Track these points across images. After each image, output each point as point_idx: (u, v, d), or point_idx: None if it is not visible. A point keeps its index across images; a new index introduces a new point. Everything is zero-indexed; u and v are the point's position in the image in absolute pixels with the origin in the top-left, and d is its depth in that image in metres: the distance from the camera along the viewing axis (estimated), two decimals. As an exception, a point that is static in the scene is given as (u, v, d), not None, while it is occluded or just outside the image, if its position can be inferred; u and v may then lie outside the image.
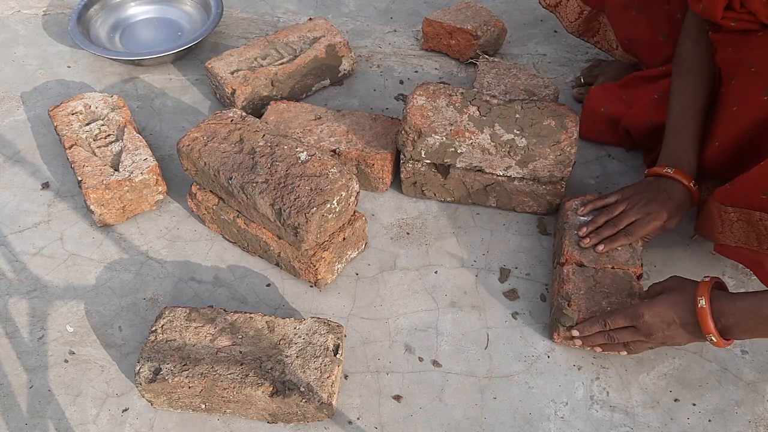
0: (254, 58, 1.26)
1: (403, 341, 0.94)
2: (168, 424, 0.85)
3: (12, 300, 0.98)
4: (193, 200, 1.05)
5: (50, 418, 0.86)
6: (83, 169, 1.04)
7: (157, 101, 1.30)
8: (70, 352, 0.92)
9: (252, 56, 1.26)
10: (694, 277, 1.00)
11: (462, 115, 1.02)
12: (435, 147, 1.02)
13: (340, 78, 1.33)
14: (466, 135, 1.00)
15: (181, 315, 0.87)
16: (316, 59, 1.26)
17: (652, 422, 0.86)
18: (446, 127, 1.01)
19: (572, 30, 1.27)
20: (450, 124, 1.01)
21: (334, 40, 1.29)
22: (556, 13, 1.27)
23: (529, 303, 0.98)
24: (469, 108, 1.03)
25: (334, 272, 0.99)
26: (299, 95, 1.28)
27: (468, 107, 1.03)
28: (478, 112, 1.02)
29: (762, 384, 0.89)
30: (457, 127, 1.00)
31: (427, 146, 1.02)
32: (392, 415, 0.86)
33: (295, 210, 0.89)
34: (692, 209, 0.99)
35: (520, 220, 1.09)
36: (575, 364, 0.91)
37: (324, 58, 1.27)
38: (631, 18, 1.12)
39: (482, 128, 1.01)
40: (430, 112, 1.02)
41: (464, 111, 1.02)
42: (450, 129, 1.00)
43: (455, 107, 1.03)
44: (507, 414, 0.86)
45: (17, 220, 1.09)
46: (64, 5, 1.54)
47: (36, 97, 1.31)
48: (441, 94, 1.05)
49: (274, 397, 0.80)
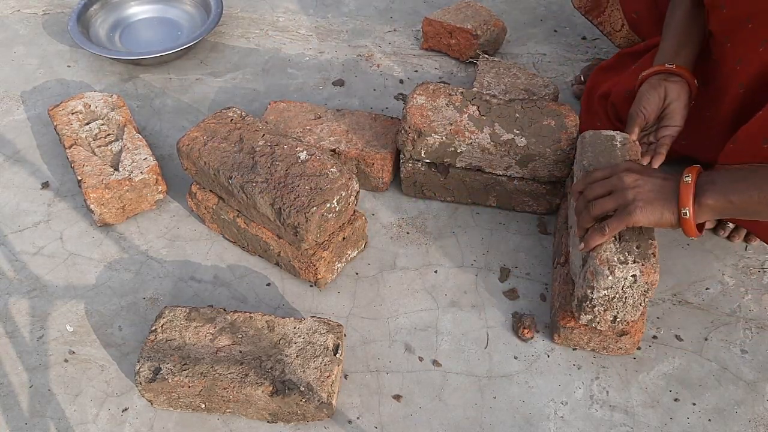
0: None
1: (403, 341, 0.94)
2: (168, 424, 0.85)
3: (12, 299, 0.98)
4: (193, 200, 1.05)
5: (50, 417, 0.86)
6: (83, 169, 1.04)
7: (157, 101, 1.30)
8: (70, 352, 0.92)
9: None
10: (694, 277, 1.01)
11: (462, 114, 1.02)
12: (435, 146, 1.02)
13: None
14: (465, 134, 1.00)
15: (181, 314, 0.87)
16: None
17: (652, 422, 0.86)
18: (446, 126, 1.01)
19: (580, 5, 1.26)
20: (450, 123, 1.01)
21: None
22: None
23: (529, 303, 0.98)
24: (468, 107, 1.03)
25: (334, 272, 0.99)
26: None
27: (468, 107, 1.03)
28: (478, 111, 1.02)
29: (762, 384, 0.89)
30: (457, 127, 1.00)
31: (427, 146, 1.02)
32: (392, 415, 0.86)
33: (295, 209, 0.89)
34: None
35: (520, 219, 1.09)
36: (575, 363, 0.91)
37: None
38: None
39: (482, 128, 1.01)
40: (429, 111, 1.02)
41: (464, 111, 1.02)
42: (450, 128, 1.00)
43: (455, 107, 1.03)
44: (507, 414, 0.86)
45: (17, 220, 1.09)
46: (64, 5, 1.54)
47: (36, 97, 1.31)
48: (441, 93, 1.05)
49: (273, 397, 0.80)
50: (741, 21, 0.89)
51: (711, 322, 0.96)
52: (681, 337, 0.94)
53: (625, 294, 0.82)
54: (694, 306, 0.97)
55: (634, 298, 0.82)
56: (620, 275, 0.80)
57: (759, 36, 0.87)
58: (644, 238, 0.82)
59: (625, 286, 0.81)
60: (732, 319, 0.96)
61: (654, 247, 0.81)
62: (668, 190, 0.79)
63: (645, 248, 0.81)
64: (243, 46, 1.43)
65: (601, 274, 0.80)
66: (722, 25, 0.93)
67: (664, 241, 1.04)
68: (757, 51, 0.87)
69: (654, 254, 0.81)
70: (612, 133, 0.95)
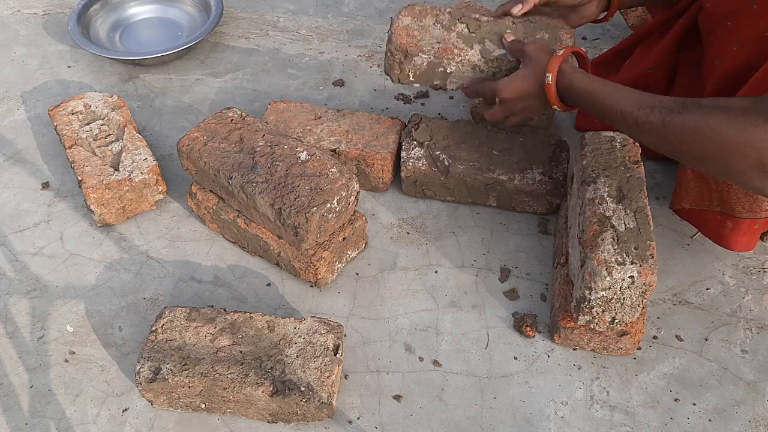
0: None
1: (403, 341, 0.94)
2: (168, 424, 0.85)
3: (12, 300, 0.98)
4: (193, 200, 1.05)
5: (50, 417, 0.86)
6: (83, 169, 1.04)
7: (157, 101, 1.30)
8: (70, 352, 0.92)
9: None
10: (695, 277, 1.01)
11: (450, 33, 0.99)
12: (423, 67, 0.99)
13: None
14: (454, 52, 0.97)
15: (181, 315, 0.87)
16: None
17: (652, 422, 0.86)
18: (434, 45, 0.97)
19: None
20: (437, 42, 0.98)
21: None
22: None
23: (529, 303, 0.98)
24: (457, 26, 1.00)
25: (334, 272, 0.99)
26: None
27: (456, 25, 1.00)
28: (467, 29, 0.99)
29: (762, 384, 0.89)
30: (445, 45, 0.97)
31: (415, 67, 0.99)
32: (392, 415, 0.86)
33: (295, 210, 0.89)
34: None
35: (520, 219, 1.09)
36: (575, 363, 0.91)
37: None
38: None
39: (471, 45, 0.98)
40: (416, 31, 0.99)
41: (452, 29, 0.99)
42: (438, 47, 0.97)
43: (443, 26, 1.00)
44: (507, 414, 0.86)
45: (17, 220, 1.09)
46: (64, 5, 1.54)
47: (36, 97, 1.31)
48: (428, 13, 1.02)
49: (274, 397, 0.80)
50: (721, 18, 0.91)
51: (711, 322, 0.96)
52: (681, 337, 0.94)
53: (623, 295, 0.82)
54: (694, 306, 0.97)
55: (632, 299, 0.82)
56: (618, 276, 0.79)
57: (734, 35, 0.88)
58: (642, 240, 0.82)
59: (623, 288, 0.81)
60: (732, 320, 0.96)
61: (652, 249, 0.81)
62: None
63: (643, 249, 0.81)
64: (243, 46, 1.43)
65: (599, 275, 0.80)
66: (706, 20, 0.95)
67: (665, 241, 1.04)
68: (731, 50, 0.88)
69: (652, 255, 0.81)
70: (612, 134, 0.95)
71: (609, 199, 0.87)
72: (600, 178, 0.89)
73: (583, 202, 0.89)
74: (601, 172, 0.90)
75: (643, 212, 0.85)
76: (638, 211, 0.85)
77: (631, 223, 0.84)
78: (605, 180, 0.89)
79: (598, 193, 0.88)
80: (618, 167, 0.91)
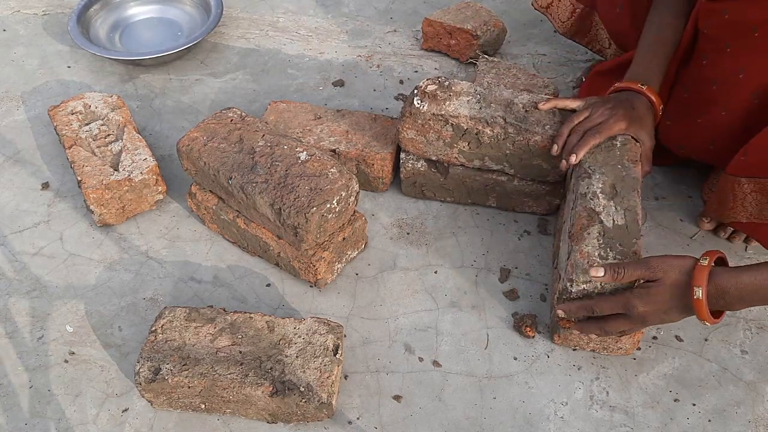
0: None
1: (403, 341, 0.94)
2: (168, 424, 0.85)
3: (12, 300, 0.98)
4: (193, 200, 1.05)
5: (50, 417, 0.86)
6: (83, 169, 1.04)
7: (157, 101, 1.30)
8: (70, 352, 0.92)
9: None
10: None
11: (452, 149, 1.02)
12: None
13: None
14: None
15: (181, 315, 0.87)
16: None
17: (652, 422, 0.86)
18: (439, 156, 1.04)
19: (564, 30, 1.27)
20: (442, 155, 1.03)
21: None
22: (548, 14, 1.28)
23: (529, 303, 0.98)
24: (458, 143, 1.01)
25: (333, 272, 0.99)
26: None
27: (457, 143, 1.01)
28: (468, 146, 1.01)
29: (762, 384, 0.89)
30: (448, 158, 1.03)
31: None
32: (392, 415, 0.86)
33: (294, 210, 0.89)
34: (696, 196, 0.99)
35: (520, 220, 1.09)
36: (575, 364, 0.91)
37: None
38: (617, 14, 1.15)
39: (472, 161, 1.03)
40: (420, 144, 1.03)
41: (454, 146, 1.02)
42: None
43: (445, 142, 1.02)
44: (507, 414, 0.86)
45: (17, 220, 1.09)
46: (64, 5, 1.54)
47: (36, 97, 1.31)
48: (430, 129, 1.01)
49: (273, 397, 0.80)
50: (746, 28, 0.88)
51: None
52: (681, 337, 0.94)
53: (604, 290, 0.81)
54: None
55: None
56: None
57: (767, 45, 0.86)
58: (629, 237, 0.82)
59: (604, 282, 0.80)
60: (732, 320, 0.96)
61: (638, 246, 0.81)
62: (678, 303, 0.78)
63: (628, 246, 0.81)
64: (243, 46, 1.43)
65: (581, 268, 0.80)
66: (723, 30, 0.92)
67: (665, 241, 1.04)
68: (766, 62, 0.87)
69: (636, 253, 0.81)
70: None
71: (601, 195, 0.87)
72: (595, 174, 0.90)
73: (576, 197, 0.89)
74: (597, 168, 0.90)
75: (634, 211, 0.85)
76: (629, 210, 0.85)
77: (620, 221, 0.84)
78: (600, 176, 0.89)
79: (591, 188, 0.88)
80: (615, 165, 0.91)
